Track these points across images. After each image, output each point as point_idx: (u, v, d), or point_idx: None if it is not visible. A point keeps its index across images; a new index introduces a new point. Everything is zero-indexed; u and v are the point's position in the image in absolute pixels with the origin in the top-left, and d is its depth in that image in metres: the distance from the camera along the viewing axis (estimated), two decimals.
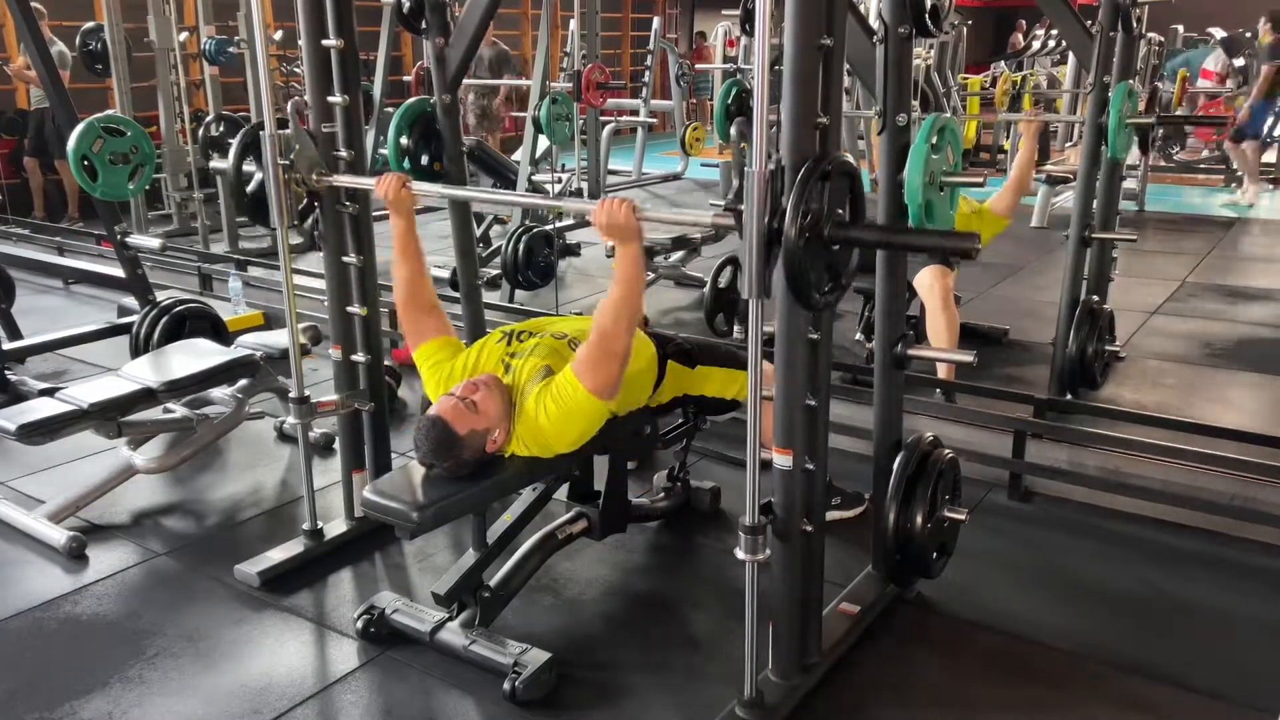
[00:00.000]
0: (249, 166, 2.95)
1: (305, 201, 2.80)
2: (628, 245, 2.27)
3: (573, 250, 5.94)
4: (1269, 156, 10.07)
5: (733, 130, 5.08)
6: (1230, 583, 2.87)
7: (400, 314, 2.75)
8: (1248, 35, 10.35)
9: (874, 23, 2.50)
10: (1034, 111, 4.49)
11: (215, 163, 4.20)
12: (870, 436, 2.74)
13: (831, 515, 3.05)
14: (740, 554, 2.05)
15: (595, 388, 2.39)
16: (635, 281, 2.32)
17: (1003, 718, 2.33)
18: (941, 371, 3.94)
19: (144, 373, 3.43)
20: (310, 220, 3.06)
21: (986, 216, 4.38)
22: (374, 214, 3.03)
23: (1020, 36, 14.97)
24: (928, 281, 3.92)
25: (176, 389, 3.38)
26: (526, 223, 5.86)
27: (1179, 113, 10.27)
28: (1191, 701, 2.36)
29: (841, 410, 3.40)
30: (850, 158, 2.00)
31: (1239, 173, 9.88)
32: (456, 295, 3.53)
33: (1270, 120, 8.79)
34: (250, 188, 2.95)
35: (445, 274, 5.51)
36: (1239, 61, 10.42)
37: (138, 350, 4.14)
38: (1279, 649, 2.56)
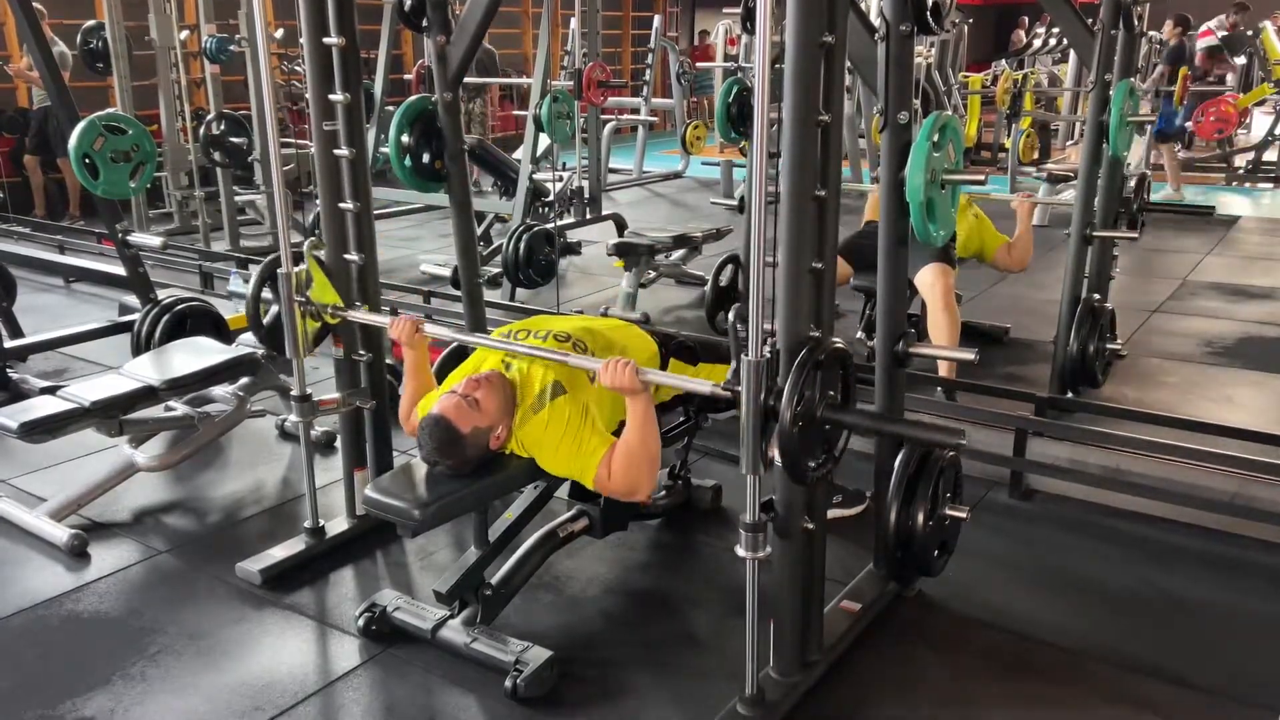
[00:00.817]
0: (267, 294, 3.02)
1: (319, 328, 2.87)
2: (635, 399, 2.35)
3: (573, 249, 5.95)
4: (1270, 155, 10.07)
5: (731, 314, 5.12)
6: (1231, 581, 2.87)
7: (402, 421, 2.77)
8: (1249, 34, 10.35)
9: (875, 20, 2.50)
10: (1025, 194, 4.67)
11: (234, 285, 4.31)
12: (871, 435, 2.74)
13: (833, 513, 3.05)
14: (741, 551, 2.05)
15: (600, 486, 2.44)
16: (649, 427, 2.38)
17: (1003, 715, 2.33)
18: (943, 369, 3.95)
19: (145, 371, 3.44)
20: (313, 216, 3.08)
21: (986, 230, 4.41)
22: (375, 214, 3.03)
23: (1022, 34, 14.98)
24: (929, 280, 3.92)
25: (178, 387, 3.38)
26: (527, 221, 5.86)
27: (1180, 113, 10.27)
28: (1192, 699, 2.36)
29: None
30: (841, 342, 2.12)
31: (1238, 169, 9.90)
32: (458, 294, 3.53)
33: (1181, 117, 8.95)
34: (267, 320, 3.01)
35: (446, 272, 5.54)
36: (1240, 59, 10.42)
37: (139, 348, 4.14)
38: (1278, 646, 2.56)
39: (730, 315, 2.09)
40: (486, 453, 2.45)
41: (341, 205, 2.92)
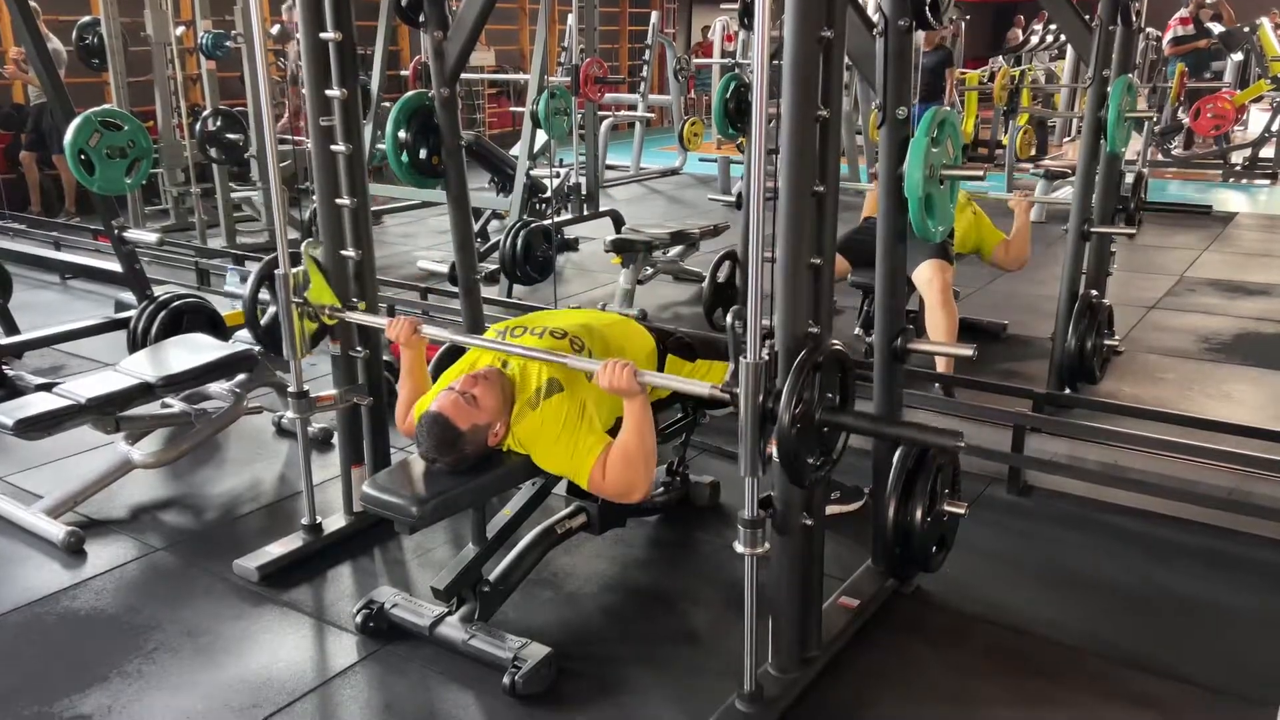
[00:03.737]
0: (264, 295, 3.05)
1: (316, 329, 2.88)
2: (632, 400, 2.35)
3: (571, 245, 5.95)
4: (1267, 152, 10.07)
5: (730, 316, 5.02)
6: (1229, 576, 2.87)
7: (399, 422, 2.77)
8: (1246, 30, 10.35)
9: (874, 16, 2.50)
10: (1023, 193, 4.65)
11: (230, 282, 4.32)
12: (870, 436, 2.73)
13: (831, 509, 3.05)
14: (739, 548, 2.05)
15: (595, 487, 2.44)
16: (646, 428, 2.38)
17: (1001, 711, 2.33)
18: (940, 365, 3.94)
19: (142, 368, 3.43)
20: (309, 213, 3.07)
21: (984, 227, 4.40)
22: (370, 210, 3.02)
23: (1019, 31, 14.98)
24: (927, 276, 3.92)
25: (174, 384, 3.38)
26: (525, 218, 5.86)
27: (1179, 108, 10.30)
28: (1190, 695, 2.36)
29: None
30: (839, 344, 2.12)
31: (1235, 166, 9.92)
32: (455, 290, 3.53)
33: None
34: (264, 320, 3.03)
35: (444, 269, 5.53)
36: (1237, 55, 10.42)
37: (135, 345, 4.13)
38: (1277, 642, 2.57)
39: (729, 316, 2.08)
40: (484, 449, 2.45)
41: (338, 201, 2.91)
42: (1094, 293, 3.97)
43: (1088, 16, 3.61)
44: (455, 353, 3.47)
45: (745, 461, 1.97)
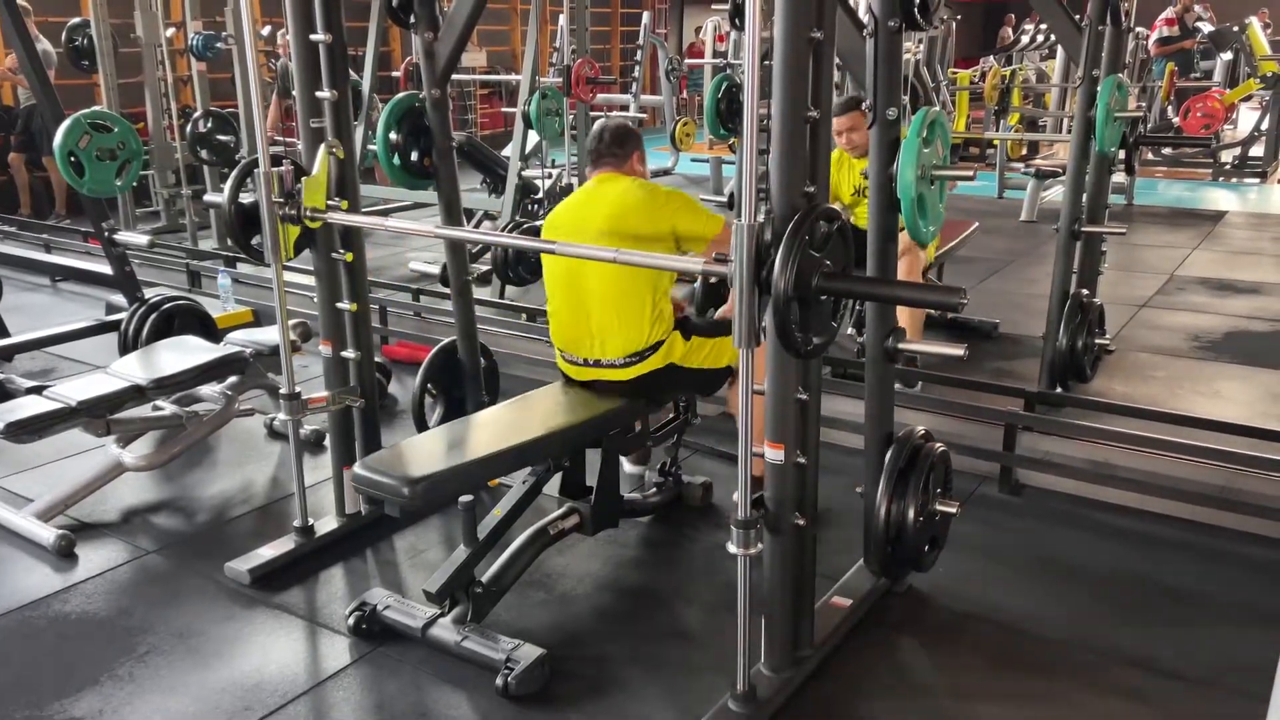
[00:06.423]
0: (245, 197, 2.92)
1: (299, 234, 2.78)
2: None
3: None
4: (1256, 150, 10.11)
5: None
6: (1219, 573, 2.88)
7: None
8: (1234, 29, 10.40)
9: (864, 16, 2.50)
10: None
11: (210, 197, 4.18)
12: (861, 430, 2.74)
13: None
14: (732, 548, 2.05)
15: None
16: None
17: (994, 708, 2.34)
18: (902, 320, 3.89)
19: (133, 370, 3.42)
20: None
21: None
22: (363, 208, 3.02)
23: (1009, 31, 15.03)
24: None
25: (165, 386, 3.37)
26: (517, 218, 5.85)
27: (1168, 107, 10.34)
28: (1181, 690, 2.37)
29: (832, 404, 3.40)
30: (838, 206, 2.03)
31: (1225, 164, 9.96)
32: (447, 292, 3.52)
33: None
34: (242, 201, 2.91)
35: (436, 270, 5.52)
36: (1226, 55, 10.46)
37: (126, 348, 4.12)
38: (1267, 637, 2.57)
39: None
40: (632, 161, 2.88)
41: (329, 202, 2.90)
42: (1085, 291, 3.98)
43: (1077, 16, 3.63)
44: (450, 352, 3.49)
45: (740, 334, 1.89)
